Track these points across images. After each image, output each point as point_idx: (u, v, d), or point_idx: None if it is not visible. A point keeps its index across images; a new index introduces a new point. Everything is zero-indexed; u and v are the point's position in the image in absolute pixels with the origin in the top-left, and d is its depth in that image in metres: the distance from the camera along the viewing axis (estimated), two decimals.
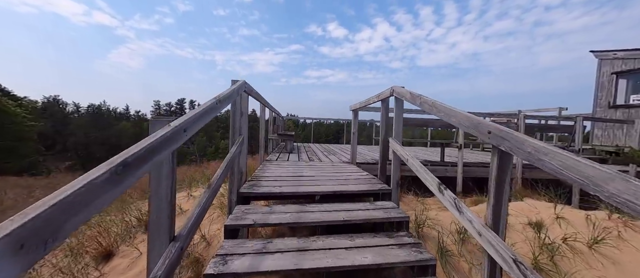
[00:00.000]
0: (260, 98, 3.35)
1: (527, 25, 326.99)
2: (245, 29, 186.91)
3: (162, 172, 1.06)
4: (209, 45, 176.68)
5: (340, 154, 5.71)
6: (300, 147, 7.70)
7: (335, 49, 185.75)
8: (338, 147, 7.99)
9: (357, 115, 4.17)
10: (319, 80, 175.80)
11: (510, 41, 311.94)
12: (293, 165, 3.82)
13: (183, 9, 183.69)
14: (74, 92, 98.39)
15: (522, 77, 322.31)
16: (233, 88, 1.90)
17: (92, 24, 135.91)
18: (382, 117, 2.82)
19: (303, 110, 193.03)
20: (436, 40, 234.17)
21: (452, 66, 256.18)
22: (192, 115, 1.21)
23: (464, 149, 4.78)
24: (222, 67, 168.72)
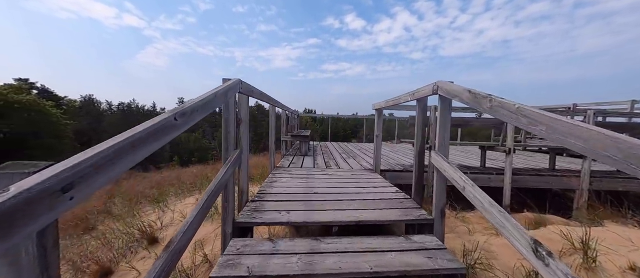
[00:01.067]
0: (267, 98, 2.84)
1: (565, 7, 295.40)
2: (263, 25, 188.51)
3: None
4: (228, 42, 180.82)
5: (361, 157, 5.10)
6: (317, 147, 7.18)
7: (352, 42, 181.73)
8: (357, 148, 7.36)
9: (381, 114, 3.54)
10: (336, 74, 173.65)
11: (545, 25, 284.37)
12: (306, 175, 3.31)
13: (204, 8, 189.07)
14: (107, 90, 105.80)
15: (558, 64, 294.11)
16: (215, 91, 1.38)
17: (123, 25, 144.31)
18: (418, 121, 2.19)
19: (320, 104, 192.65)
20: (461, 27, 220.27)
21: (478, 55, 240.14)
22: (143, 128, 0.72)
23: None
24: (242, 63, 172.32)
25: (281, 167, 3.83)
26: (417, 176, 2.21)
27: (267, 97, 2.84)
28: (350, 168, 3.88)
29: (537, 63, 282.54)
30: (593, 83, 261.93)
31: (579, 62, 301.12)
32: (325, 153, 5.66)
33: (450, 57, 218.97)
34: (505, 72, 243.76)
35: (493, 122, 3.84)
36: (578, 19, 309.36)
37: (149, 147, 0.81)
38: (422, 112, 2.20)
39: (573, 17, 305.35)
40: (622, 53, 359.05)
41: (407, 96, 2.39)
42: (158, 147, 0.86)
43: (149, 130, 0.81)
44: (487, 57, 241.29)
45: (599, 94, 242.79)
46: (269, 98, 2.99)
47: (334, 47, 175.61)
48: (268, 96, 2.86)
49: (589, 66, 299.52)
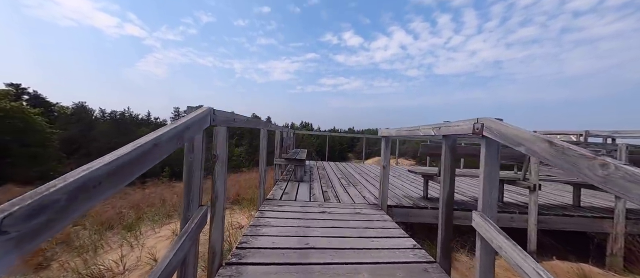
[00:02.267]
0: (255, 123, 2.36)
1: (553, 32, 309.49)
2: (263, 38, 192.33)
3: None
4: (228, 54, 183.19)
5: (363, 186, 4.59)
6: (313, 169, 6.65)
7: (350, 57, 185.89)
8: (357, 171, 6.85)
9: (389, 143, 3.08)
10: (334, 88, 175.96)
11: (535, 48, 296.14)
12: (301, 213, 2.78)
13: (206, 20, 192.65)
14: (104, 98, 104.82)
15: (548, 85, 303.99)
16: (154, 138, 0.86)
17: (124, 35, 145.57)
18: (446, 164, 1.73)
19: (317, 117, 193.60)
20: (455, 48, 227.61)
21: (471, 74, 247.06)
22: None
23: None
24: (241, 75, 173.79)
25: (272, 199, 3.29)
26: (444, 235, 1.71)
27: (255, 122, 2.36)
28: (352, 202, 3.35)
29: (529, 83, 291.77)
30: (581, 104, 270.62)
31: (567, 84, 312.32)
32: (322, 178, 5.14)
33: (444, 76, 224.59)
34: (498, 91, 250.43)
35: (514, 154, 3.40)
36: (566, 43, 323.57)
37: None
38: (451, 154, 1.74)
39: (561, 42, 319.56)
40: (607, 77, 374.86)
41: (429, 129, 1.94)
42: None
43: None
44: (480, 76, 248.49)
45: (587, 115, 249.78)
46: (258, 122, 2.52)
47: (332, 62, 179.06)
48: (256, 121, 2.38)
49: (577, 88, 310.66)
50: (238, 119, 1.74)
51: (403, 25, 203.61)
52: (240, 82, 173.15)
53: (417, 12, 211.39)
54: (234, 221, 4.01)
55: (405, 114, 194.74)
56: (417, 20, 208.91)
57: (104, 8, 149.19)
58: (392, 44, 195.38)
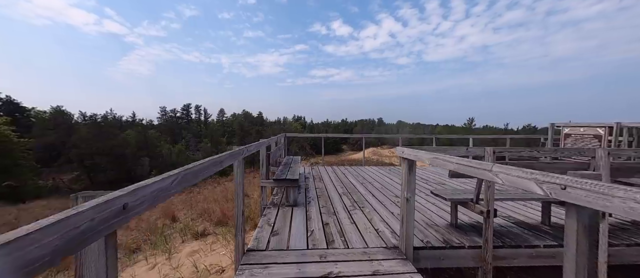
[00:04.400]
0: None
1: (539, 14, 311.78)
2: (249, 31, 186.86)
3: None
4: (215, 48, 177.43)
5: (371, 205, 3.76)
6: (309, 179, 5.79)
7: (340, 47, 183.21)
8: (359, 179, 6.03)
9: (414, 168, 2.22)
10: (325, 79, 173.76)
11: (521, 32, 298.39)
12: (297, 270, 1.92)
13: (189, 14, 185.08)
14: (85, 100, 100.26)
15: (535, 68, 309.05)
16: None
17: (103, 32, 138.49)
18: (578, 258, 0.87)
19: (309, 110, 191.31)
20: (443, 34, 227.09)
21: (461, 60, 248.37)
22: None
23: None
24: (229, 70, 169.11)
25: (256, 250, 2.42)
26: None
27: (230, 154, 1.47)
28: (364, 244, 2.51)
29: (516, 67, 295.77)
30: (567, 86, 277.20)
31: (553, 67, 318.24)
32: (320, 195, 4.29)
33: (434, 62, 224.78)
34: (487, 76, 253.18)
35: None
36: (551, 26, 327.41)
37: None
38: (586, 235, 0.89)
39: (547, 24, 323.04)
40: (592, 57, 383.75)
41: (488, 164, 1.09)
42: None
43: None
44: (470, 61, 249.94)
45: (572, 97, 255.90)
46: (233, 154, 1.62)
47: (321, 53, 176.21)
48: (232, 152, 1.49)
49: (563, 70, 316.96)
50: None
51: (392, 12, 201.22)
52: (228, 77, 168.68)
53: None
54: (212, 262, 3.14)
55: (398, 103, 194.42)
56: (406, 6, 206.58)
57: (78, 4, 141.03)
58: (381, 32, 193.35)
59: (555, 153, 2.42)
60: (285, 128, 56.55)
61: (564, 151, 2.47)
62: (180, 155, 34.18)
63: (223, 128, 54.01)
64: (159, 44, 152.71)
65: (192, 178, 1.20)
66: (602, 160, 2.45)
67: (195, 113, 52.68)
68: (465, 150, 2.42)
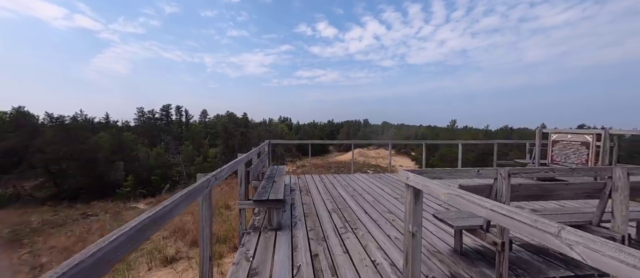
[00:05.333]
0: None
1: (512, 21, 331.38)
2: (233, 30, 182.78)
3: None
4: (197, 47, 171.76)
5: (365, 227, 3.39)
6: (295, 192, 5.35)
7: (326, 49, 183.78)
8: (349, 190, 5.66)
9: (420, 198, 1.86)
10: (311, 80, 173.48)
11: (497, 37, 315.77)
12: None
13: (169, 11, 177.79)
14: (56, 101, 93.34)
15: (509, 72, 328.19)
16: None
17: (74, 27, 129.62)
18: None
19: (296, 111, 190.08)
20: (425, 37, 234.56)
21: (441, 63, 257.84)
22: None
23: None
24: (213, 69, 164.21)
25: None
26: None
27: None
28: None
29: (493, 71, 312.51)
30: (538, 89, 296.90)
31: (525, 70, 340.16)
32: (308, 213, 3.86)
33: (417, 65, 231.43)
34: (466, 79, 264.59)
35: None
36: (523, 32, 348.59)
37: None
38: None
39: (519, 31, 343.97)
40: (560, 63, 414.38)
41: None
42: None
43: None
44: (450, 65, 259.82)
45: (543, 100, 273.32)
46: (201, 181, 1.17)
47: (307, 53, 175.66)
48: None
49: (534, 74, 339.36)
50: None
51: (376, 15, 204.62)
52: (212, 76, 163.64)
53: (388, 1, 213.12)
54: None
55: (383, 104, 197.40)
56: (389, 10, 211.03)
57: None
58: (366, 35, 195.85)
59: (571, 173, 2.14)
60: (271, 129, 55.49)
61: (580, 171, 2.21)
62: (159, 159, 32.42)
63: (206, 130, 52.09)
64: (137, 42, 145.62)
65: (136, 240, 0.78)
66: (621, 180, 2.23)
67: (175, 114, 50.39)
68: (476, 173, 2.10)
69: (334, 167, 27.67)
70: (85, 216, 8.73)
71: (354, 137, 77.84)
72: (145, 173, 29.55)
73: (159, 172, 30.64)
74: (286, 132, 61.87)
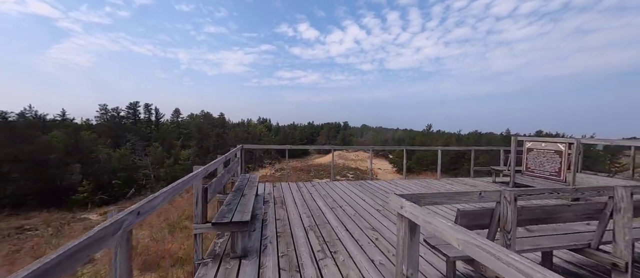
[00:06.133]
0: None
1: (481, 33, 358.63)
2: (211, 26, 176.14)
3: None
4: (171, 42, 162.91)
5: (346, 249, 2.98)
6: (268, 203, 4.82)
7: (307, 50, 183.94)
8: (329, 201, 5.26)
9: (417, 233, 1.47)
10: (292, 81, 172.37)
11: (467, 47, 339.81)
12: None
13: (139, 2, 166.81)
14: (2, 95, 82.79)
15: (477, 80, 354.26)
16: None
17: (28, 13, 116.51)
18: None
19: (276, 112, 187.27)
20: (403, 44, 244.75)
21: (417, 69, 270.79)
22: None
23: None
24: (188, 66, 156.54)
25: None
26: None
27: None
28: None
29: (463, 78, 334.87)
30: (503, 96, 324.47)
31: (492, 79, 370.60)
32: (282, 234, 3.37)
33: (395, 70, 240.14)
34: (439, 85, 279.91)
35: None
36: (490, 43, 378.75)
37: None
38: None
39: (487, 42, 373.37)
40: (521, 73, 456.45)
41: None
42: None
43: None
44: (425, 71, 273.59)
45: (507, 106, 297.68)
46: None
47: (288, 54, 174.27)
48: None
49: (498, 83, 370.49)
50: None
51: (356, 20, 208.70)
52: (187, 73, 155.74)
53: (368, 7, 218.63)
54: None
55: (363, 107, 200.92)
56: (369, 15, 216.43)
57: None
58: (346, 38, 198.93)
59: (575, 193, 1.89)
60: (250, 130, 53.73)
61: (584, 191, 1.98)
62: (123, 161, 29.81)
63: (178, 130, 49.10)
64: (103, 33, 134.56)
65: None
66: (624, 201, 2.05)
67: (144, 112, 46.90)
68: (478, 196, 1.77)
69: (313, 170, 27.20)
70: (22, 230, 7.36)
71: (334, 139, 78.03)
72: (107, 177, 26.99)
73: (122, 175, 28.14)
74: (265, 134, 60.35)
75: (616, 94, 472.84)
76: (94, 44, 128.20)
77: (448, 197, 1.70)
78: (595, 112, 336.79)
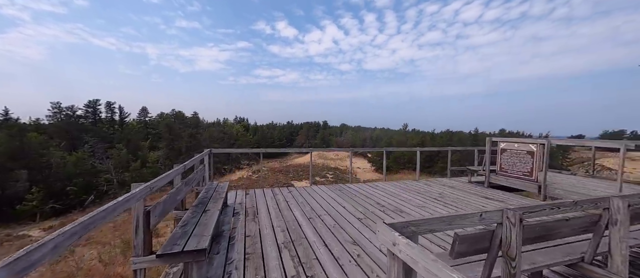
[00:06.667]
0: None
1: (451, 37, 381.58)
2: (183, 21, 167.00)
3: None
4: (138, 36, 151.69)
5: (324, 271, 2.61)
6: (239, 215, 4.34)
7: (285, 49, 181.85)
8: (307, 210, 4.89)
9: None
10: (270, 79, 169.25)
11: (439, 50, 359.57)
12: None
13: None
14: None
15: (448, 82, 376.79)
16: None
17: None
18: None
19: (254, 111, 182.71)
20: (379, 45, 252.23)
21: (393, 70, 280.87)
22: None
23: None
24: (157, 61, 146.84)
25: None
26: None
27: None
28: None
29: (435, 80, 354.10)
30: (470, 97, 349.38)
31: (461, 80, 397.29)
32: (251, 256, 2.92)
33: (372, 71, 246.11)
34: (413, 86, 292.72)
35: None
36: (459, 47, 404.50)
37: None
38: None
39: (456, 46, 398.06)
40: (486, 75, 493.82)
41: None
42: None
43: None
44: (400, 72, 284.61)
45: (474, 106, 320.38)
46: None
47: (266, 52, 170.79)
48: None
49: (467, 84, 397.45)
50: None
51: (335, 20, 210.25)
52: (156, 69, 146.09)
53: (346, 8, 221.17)
54: None
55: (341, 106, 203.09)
56: (347, 16, 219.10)
57: None
58: (325, 38, 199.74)
59: (575, 207, 1.70)
60: (225, 130, 51.52)
61: (583, 204, 1.80)
62: (80, 165, 26.99)
63: (146, 130, 45.69)
64: (57, 23, 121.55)
65: None
66: (621, 212, 1.92)
67: (106, 111, 42.98)
68: (478, 218, 1.50)
69: (292, 171, 26.61)
70: None
71: (313, 138, 77.61)
72: (60, 184, 24.24)
73: (79, 181, 25.47)
74: (242, 134, 58.35)
75: (564, 96, 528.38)
76: (45, 35, 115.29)
77: (447, 222, 1.40)
78: (549, 111, 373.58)
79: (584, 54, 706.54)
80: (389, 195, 5.76)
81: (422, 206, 4.87)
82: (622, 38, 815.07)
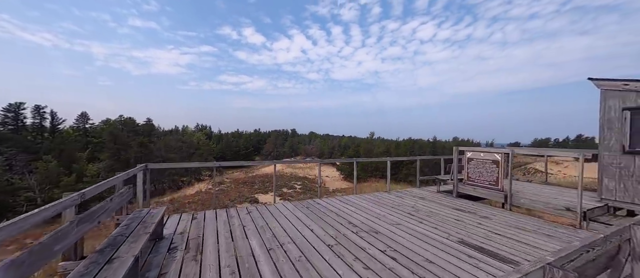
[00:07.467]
0: None
1: (410, 53, 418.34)
2: (137, 20, 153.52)
3: None
4: (80, 32, 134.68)
5: None
6: (176, 251, 3.39)
7: (253, 55, 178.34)
8: (266, 240, 4.10)
9: None
10: (237, 86, 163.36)
11: (399, 64, 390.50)
12: None
13: None
14: None
15: (408, 94, 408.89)
16: None
17: None
18: None
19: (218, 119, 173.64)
20: (346, 57, 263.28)
21: (359, 81, 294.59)
22: None
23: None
24: (105, 62, 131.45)
25: None
26: None
27: None
28: None
29: (397, 91, 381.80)
30: (427, 108, 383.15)
31: (419, 93, 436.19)
32: None
33: (339, 80, 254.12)
34: (378, 96, 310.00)
35: None
36: (417, 62, 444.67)
37: None
38: None
39: (415, 61, 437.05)
40: (440, 89, 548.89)
41: None
42: None
43: None
44: (365, 83, 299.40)
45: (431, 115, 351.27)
46: None
47: (232, 58, 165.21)
48: None
49: (425, 96, 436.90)
50: None
51: (303, 30, 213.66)
52: (103, 71, 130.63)
53: (314, 19, 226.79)
54: None
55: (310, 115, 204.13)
56: (315, 27, 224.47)
57: None
58: (293, 47, 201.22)
59: (604, 244, 1.27)
60: (184, 139, 47.34)
61: (611, 238, 1.40)
62: None
63: (85, 138, 39.75)
64: None
65: None
66: None
67: (33, 117, 36.39)
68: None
69: (258, 182, 25.09)
70: None
71: (281, 147, 75.70)
72: None
73: None
74: (204, 142, 54.31)
75: (504, 108, 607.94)
76: None
77: None
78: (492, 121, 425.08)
79: (517, 73, 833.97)
80: (361, 211, 5.25)
81: (397, 224, 4.43)
82: (544, 61, 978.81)
